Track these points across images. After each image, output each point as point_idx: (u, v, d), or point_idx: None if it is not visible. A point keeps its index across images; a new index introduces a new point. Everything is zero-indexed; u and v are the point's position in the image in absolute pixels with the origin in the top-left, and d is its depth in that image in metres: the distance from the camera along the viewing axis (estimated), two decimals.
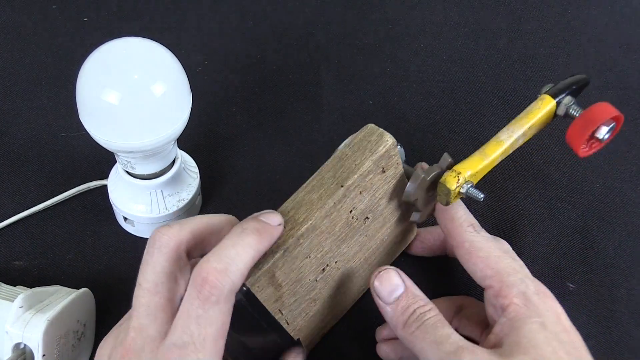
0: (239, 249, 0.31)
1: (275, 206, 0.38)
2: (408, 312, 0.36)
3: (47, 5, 0.68)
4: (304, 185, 0.38)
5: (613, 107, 0.44)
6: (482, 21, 0.70)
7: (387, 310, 0.37)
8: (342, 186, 0.37)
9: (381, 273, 0.38)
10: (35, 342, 0.38)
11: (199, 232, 0.34)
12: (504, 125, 0.45)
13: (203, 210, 0.53)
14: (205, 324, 0.30)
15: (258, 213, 0.35)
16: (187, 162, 0.51)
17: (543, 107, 0.45)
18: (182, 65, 0.43)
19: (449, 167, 0.42)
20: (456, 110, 0.62)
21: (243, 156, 0.57)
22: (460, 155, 0.43)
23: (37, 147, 0.56)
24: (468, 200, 0.42)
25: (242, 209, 0.55)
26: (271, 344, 0.38)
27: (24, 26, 0.66)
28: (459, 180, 0.40)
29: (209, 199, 0.54)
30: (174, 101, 0.42)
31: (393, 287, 0.37)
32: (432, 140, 0.59)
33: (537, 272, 0.50)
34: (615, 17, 0.71)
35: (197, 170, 0.52)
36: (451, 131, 0.60)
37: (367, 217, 0.40)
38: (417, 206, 0.42)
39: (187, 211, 0.50)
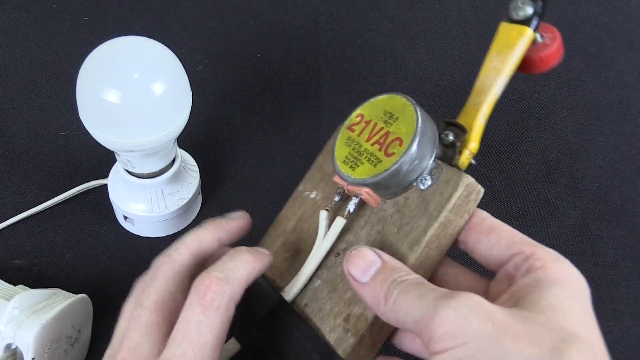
0: (237, 263, 0.32)
1: (275, 205, 0.38)
2: (387, 283, 0.30)
3: (48, 4, 0.68)
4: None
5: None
6: (482, 20, 0.70)
7: (365, 292, 0.31)
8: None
9: (352, 254, 0.32)
10: (26, 345, 0.38)
11: (205, 252, 0.34)
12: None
13: (202, 210, 0.53)
14: (206, 330, 0.30)
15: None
16: (187, 161, 0.51)
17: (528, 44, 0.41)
18: (182, 64, 0.43)
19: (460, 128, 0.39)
20: (456, 110, 0.62)
21: (243, 155, 0.57)
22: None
23: (37, 146, 0.56)
24: None
25: (241, 208, 0.55)
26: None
27: (24, 25, 0.66)
28: (470, 160, 0.38)
29: (209, 198, 0.54)
30: (174, 100, 0.42)
31: (367, 264, 0.31)
32: None
33: None
34: (615, 17, 0.71)
35: (197, 169, 0.52)
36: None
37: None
38: None
39: (187, 210, 0.50)
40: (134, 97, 0.39)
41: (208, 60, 0.64)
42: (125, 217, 0.50)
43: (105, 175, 0.51)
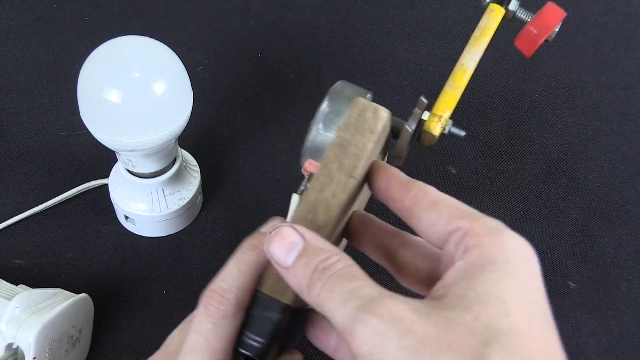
0: (240, 266, 0.32)
1: (274, 202, 0.38)
2: (309, 270, 0.28)
3: (48, 4, 0.68)
4: (313, 183, 0.38)
5: (559, 8, 0.44)
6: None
7: (289, 277, 0.29)
8: (351, 176, 0.37)
9: (272, 234, 0.29)
10: (27, 344, 0.38)
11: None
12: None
13: (203, 209, 0.53)
14: (214, 338, 0.30)
15: (263, 225, 0.35)
16: (188, 161, 0.51)
17: (496, 18, 0.44)
18: (183, 64, 0.43)
19: (427, 108, 0.42)
20: (457, 109, 0.62)
21: (244, 155, 0.57)
22: (462, 153, 0.43)
23: (38, 146, 0.56)
24: (466, 191, 0.42)
25: (242, 208, 0.56)
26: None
27: (24, 25, 0.66)
28: (441, 124, 0.41)
29: (209, 197, 0.54)
30: (174, 100, 0.42)
31: (289, 245, 0.29)
32: None
33: None
34: (616, 17, 0.71)
35: (198, 168, 0.52)
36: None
37: (362, 188, 0.41)
38: (403, 157, 0.42)
39: (188, 210, 0.50)
40: (135, 96, 0.39)
41: (209, 60, 0.64)
42: (126, 217, 0.50)
43: (106, 175, 0.51)
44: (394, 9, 0.71)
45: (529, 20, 0.44)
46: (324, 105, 0.38)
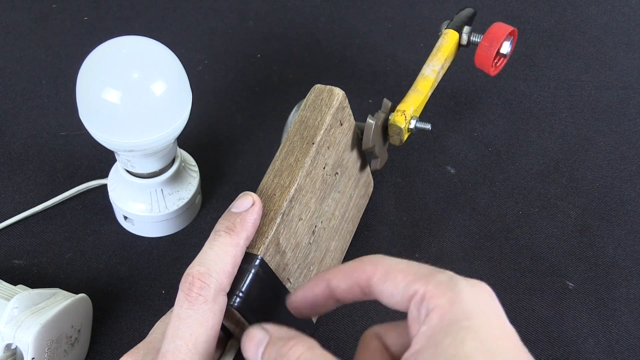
0: (217, 250, 0.33)
1: None
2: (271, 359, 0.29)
3: (48, 4, 0.68)
4: (277, 154, 0.40)
5: (506, 25, 0.52)
6: (482, 21, 0.70)
7: None
8: (313, 143, 0.40)
9: (244, 338, 0.31)
10: (26, 345, 0.38)
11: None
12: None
13: (203, 210, 0.53)
14: (196, 324, 0.31)
15: (233, 203, 0.36)
16: (187, 161, 0.51)
17: (450, 40, 0.53)
18: (182, 64, 0.43)
19: (392, 109, 0.47)
20: (456, 110, 0.62)
21: (243, 155, 0.57)
22: (461, 153, 0.43)
23: (37, 146, 0.56)
24: (465, 191, 0.42)
25: None
26: (283, 317, 0.39)
27: (24, 25, 0.66)
28: (406, 117, 0.46)
29: (209, 197, 0.54)
30: (174, 100, 0.42)
31: (257, 343, 0.30)
32: (432, 139, 0.59)
33: (537, 271, 0.51)
34: (615, 17, 0.71)
35: (197, 169, 0.52)
36: (451, 131, 0.60)
37: (337, 173, 0.43)
38: (375, 153, 0.46)
39: (187, 210, 0.50)
40: (133, 97, 0.39)
41: (208, 60, 0.64)
42: (125, 217, 0.50)
43: (105, 175, 0.51)
44: (393, 9, 0.71)
45: (480, 40, 0.53)
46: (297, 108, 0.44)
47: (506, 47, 0.53)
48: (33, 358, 0.38)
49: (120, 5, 0.69)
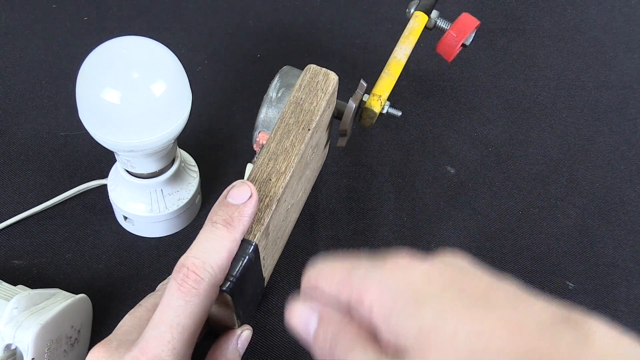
0: (214, 243, 0.32)
1: None
2: (327, 345, 0.26)
3: (48, 4, 0.68)
4: (272, 135, 0.40)
5: (473, 17, 0.53)
6: (482, 20, 0.70)
7: (315, 351, 0.27)
8: (309, 130, 0.40)
9: (290, 308, 0.28)
10: (26, 345, 0.38)
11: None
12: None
13: (202, 210, 0.53)
14: (184, 315, 0.30)
15: (227, 190, 0.35)
16: (187, 161, 0.51)
17: (421, 23, 0.53)
18: (182, 64, 0.43)
19: (367, 91, 0.48)
20: (456, 110, 0.62)
21: (243, 155, 0.57)
22: (461, 153, 0.43)
23: (37, 146, 0.56)
24: (465, 191, 0.42)
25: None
26: (254, 297, 0.39)
27: (24, 25, 0.66)
28: (381, 102, 0.47)
29: (208, 198, 0.54)
30: (173, 100, 0.42)
31: (305, 320, 0.27)
32: (432, 139, 0.59)
33: (537, 271, 0.50)
34: (615, 17, 0.71)
35: (197, 169, 0.52)
36: (451, 131, 0.60)
37: (314, 152, 0.44)
38: (347, 132, 0.47)
39: (187, 210, 0.50)
40: (133, 97, 0.39)
41: (208, 60, 0.64)
42: (125, 217, 0.50)
43: (105, 175, 0.51)
44: (393, 9, 0.71)
45: (447, 28, 0.53)
46: (275, 80, 0.43)
47: (470, 39, 0.54)
48: (33, 358, 0.38)
49: (120, 5, 0.68)
